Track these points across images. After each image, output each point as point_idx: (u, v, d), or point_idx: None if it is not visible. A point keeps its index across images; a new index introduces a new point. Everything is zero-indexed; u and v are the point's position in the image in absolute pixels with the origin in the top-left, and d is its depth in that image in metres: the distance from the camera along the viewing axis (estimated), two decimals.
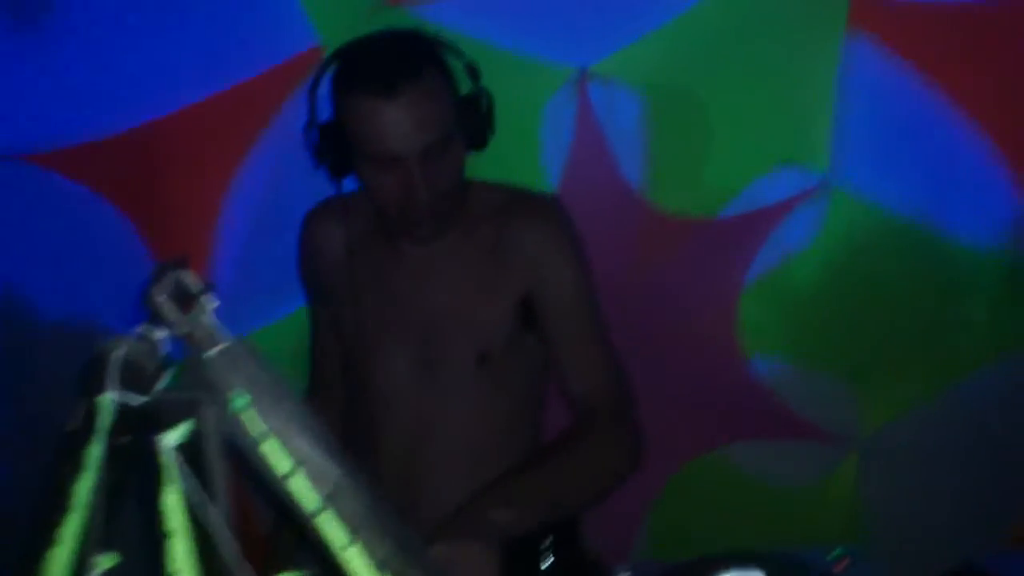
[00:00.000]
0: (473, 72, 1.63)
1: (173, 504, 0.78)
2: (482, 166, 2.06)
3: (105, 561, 0.79)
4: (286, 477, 0.79)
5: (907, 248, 2.27)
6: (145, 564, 0.77)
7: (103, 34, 2.38)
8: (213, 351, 0.81)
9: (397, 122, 1.49)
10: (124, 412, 0.81)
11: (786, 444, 2.36)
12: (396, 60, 1.52)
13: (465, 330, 1.66)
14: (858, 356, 2.33)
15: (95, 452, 0.81)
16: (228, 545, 0.76)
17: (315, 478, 0.80)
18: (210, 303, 0.82)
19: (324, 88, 1.69)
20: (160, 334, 0.84)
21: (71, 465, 0.82)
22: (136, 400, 0.82)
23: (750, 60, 2.21)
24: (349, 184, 1.78)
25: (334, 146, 1.61)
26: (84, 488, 0.81)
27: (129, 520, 0.79)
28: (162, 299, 0.83)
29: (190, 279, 0.83)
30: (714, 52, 2.21)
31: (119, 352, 0.82)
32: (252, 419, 0.80)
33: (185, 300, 0.83)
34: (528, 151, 2.28)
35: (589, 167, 2.28)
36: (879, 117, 2.22)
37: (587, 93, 2.26)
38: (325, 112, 1.71)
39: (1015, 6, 2.15)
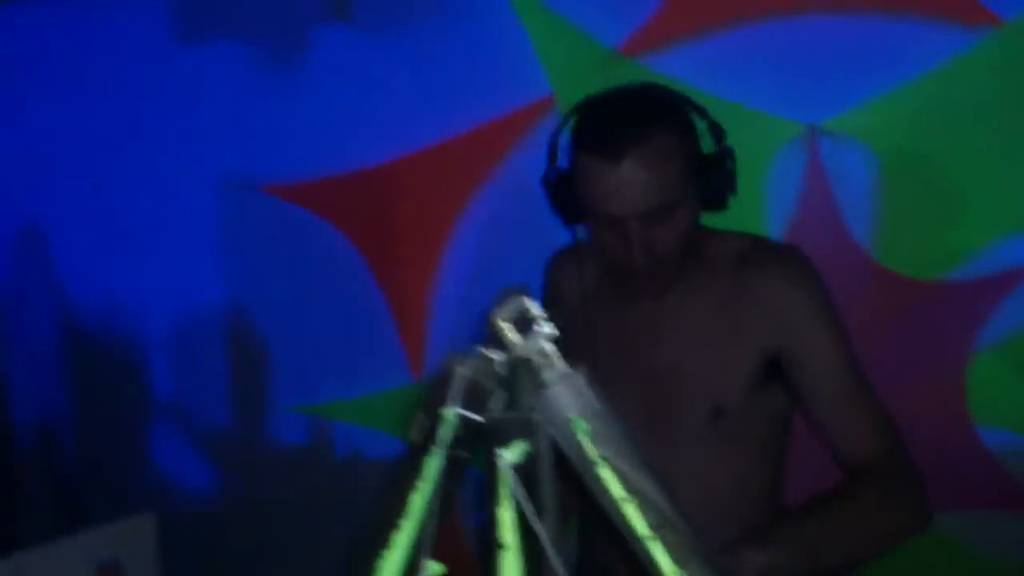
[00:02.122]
0: (716, 132, 1.58)
1: (507, 519, 0.82)
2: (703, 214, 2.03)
3: (433, 568, 0.83)
4: (621, 502, 0.82)
5: None
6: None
7: (346, 77, 2.53)
8: (554, 376, 0.85)
9: (618, 186, 1.47)
10: (465, 426, 0.86)
11: (1008, 516, 2.25)
12: (627, 122, 1.49)
13: (699, 384, 1.59)
14: None
15: (434, 463, 0.85)
16: (556, 563, 0.79)
17: (645, 508, 0.82)
18: (547, 329, 0.86)
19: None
20: (497, 355, 0.88)
21: (411, 474, 0.87)
22: (476, 417, 0.86)
23: (990, 123, 2.15)
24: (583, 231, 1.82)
25: (566, 195, 1.62)
26: (421, 497, 0.86)
27: None
28: (504, 322, 0.87)
29: (530, 305, 0.87)
30: (953, 114, 2.16)
31: (463, 370, 0.87)
32: (589, 444, 0.83)
33: (523, 325, 0.87)
34: (752, 204, 2.27)
35: (815, 223, 2.26)
36: None
37: (817, 149, 2.25)
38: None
39: None
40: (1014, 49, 2.11)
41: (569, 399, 0.84)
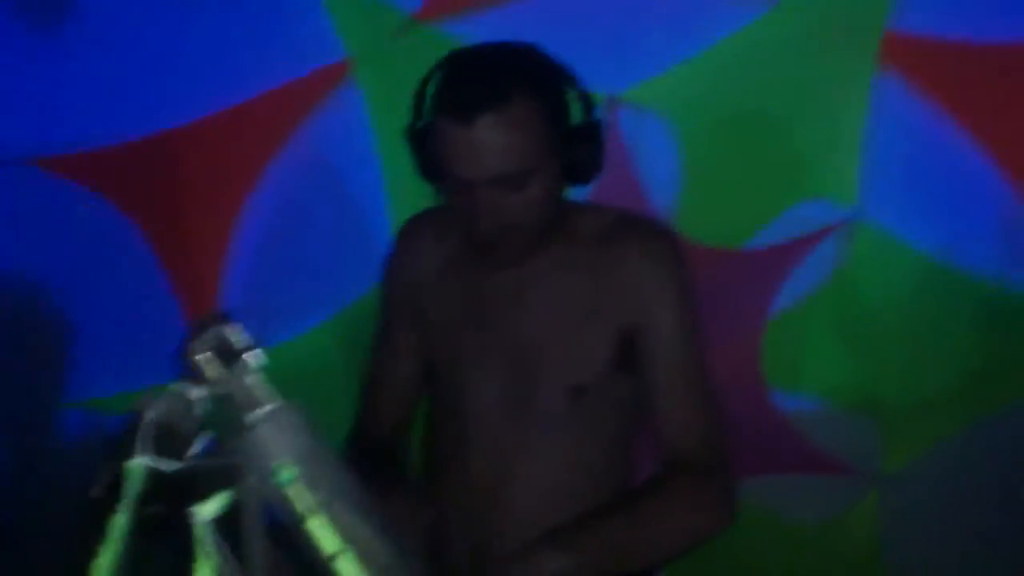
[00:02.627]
0: (586, 104, 1.51)
1: None
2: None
3: None
4: (333, 557, 0.73)
5: (933, 283, 2.23)
6: None
7: (123, 40, 2.32)
8: (258, 414, 0.75)
9: (469, 149, 1.40)
10: (155, 479, 0.75)
11: (806, 479, 2.33)
12: (488, 82, 1.41)
13: (560, 360, 1.55)
14: (883, 392, 2.28)
15: (121, 522, 0.74)
16: None
17: (363, 558, 0.73)
18: (256, 361, 0.76)
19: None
20: (197, 393, 0.78)
21: (95, 536, 0.75)
22: (169, 466, 0.76)
23: (781, 93, 2.18)
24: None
25: (425, 153, 1.51)
26: (106, 562, 0.75)
27: None
28: (203, 355, 0.76)
29: (234, 335, 0.76)
30: (745, 84, 2.18)
31: (152, 412, 0.76)
32: (298, 492, 0.73)
33: (227, 357, 0.76)
34: None
35: (616, 195, 2.21)
36: (907, 153, 2.19)
37: (616, 120, 2.21)
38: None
39: None
40: (803, 18, 2.14)
41: (277, 441, 0.74)
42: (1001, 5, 2.13)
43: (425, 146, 1.50)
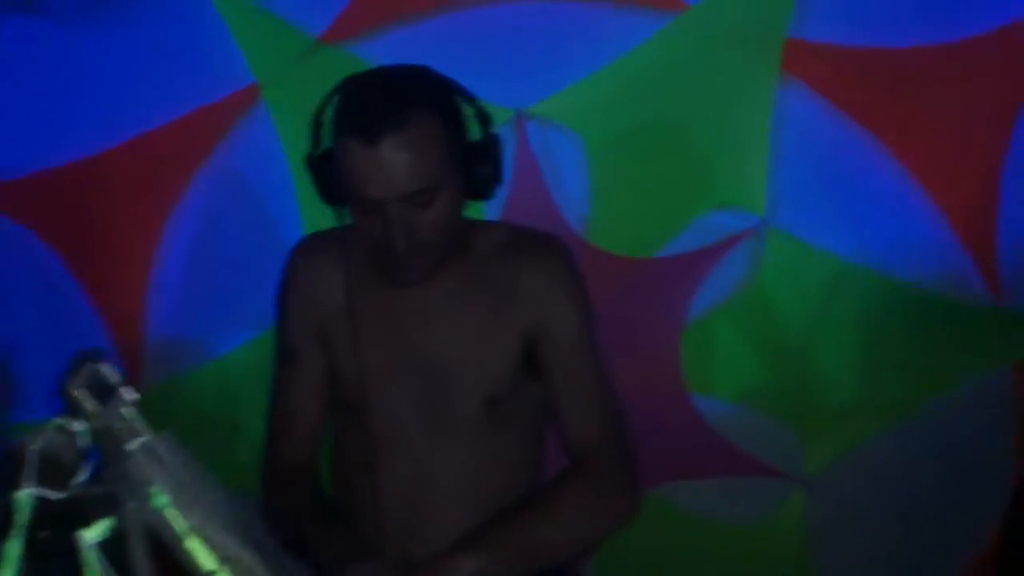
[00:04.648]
0: (484, 119, 1.53)
1: None
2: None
3: None
4: (215, 574, 0.78)
5: (844, 287, 2.30)
6: None
7: (35, 69, 2.35)
8: (133, 445, 0.80)
9: (377, 168, 1.43)
10: (43, 507, 0.80)
11: (728, 482, 2.37)
12: (389, 102, 1.44)
13: (473, 373, 1.60)
14: (799, 395, 2.34)
15: (14, 548, 0.79)
16: None
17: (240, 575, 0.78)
18: (129, 395, 0.80)
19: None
20: (79, 426, 0.82)
21: None
22: (55, 495, 0.80)
23: (686, 104, 2.24)
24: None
25: (328, 176, 1.54)
26: None
27: None
28: (79, 391, 0.80)
29: (107, 371, 0.81)
30: (651, 96, 2.24)
31: (37, 445, 0.81)
32: (174, 516, 0.78)
33: (103, 392, 0.81)
34: None
35: (527, 208, 2.28)
36: (812, 160, 2.26)
37: (525, 134, 2.26)
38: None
39: (939, 50, 2.19)
40: (700, 30, 2.20)
41: (148, 468, 0.79)
42: (896, 11, 2.20)
43: (328, 170, 1.53)
